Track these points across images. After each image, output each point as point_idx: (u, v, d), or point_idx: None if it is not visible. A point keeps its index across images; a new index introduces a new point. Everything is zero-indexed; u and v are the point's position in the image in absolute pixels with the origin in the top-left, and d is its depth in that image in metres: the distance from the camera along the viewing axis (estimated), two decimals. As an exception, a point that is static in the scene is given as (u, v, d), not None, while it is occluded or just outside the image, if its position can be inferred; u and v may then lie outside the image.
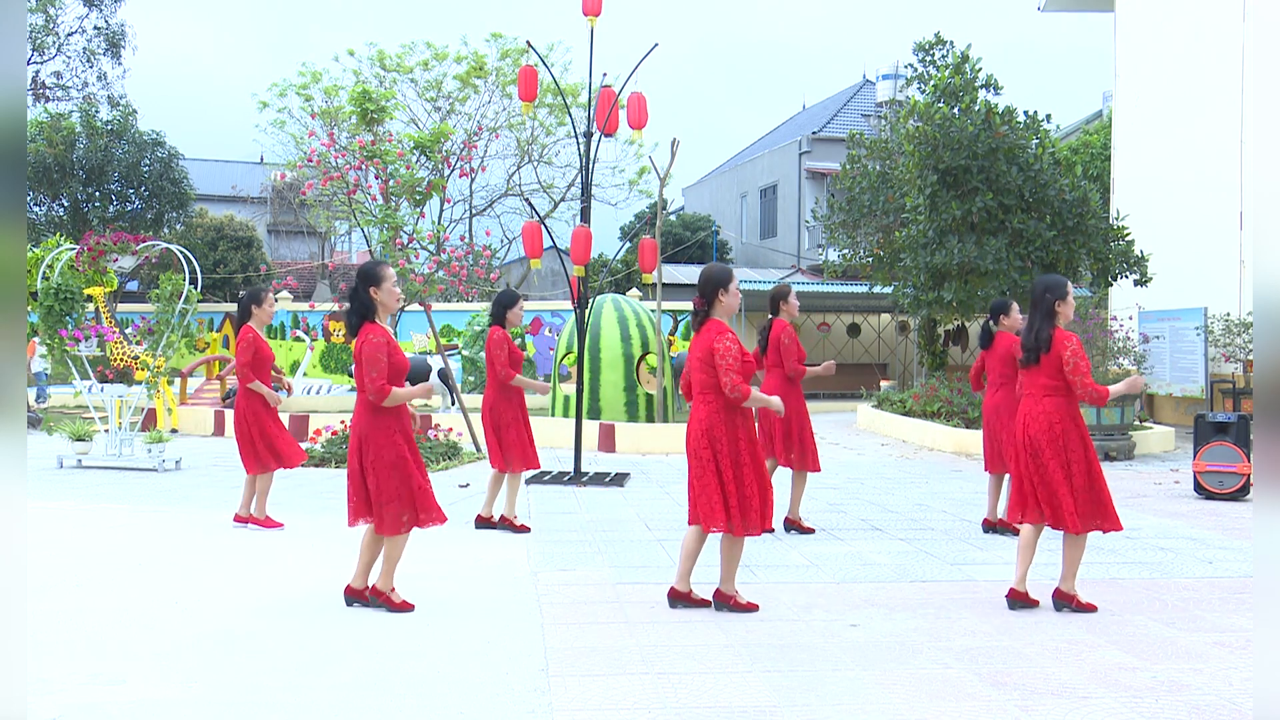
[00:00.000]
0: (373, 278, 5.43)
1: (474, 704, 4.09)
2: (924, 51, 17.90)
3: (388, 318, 5.55)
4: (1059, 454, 5.51)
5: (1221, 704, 4.16)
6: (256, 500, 7.91)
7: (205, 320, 26.18)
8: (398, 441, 5.36)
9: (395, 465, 5.33)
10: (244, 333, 7.86)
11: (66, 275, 12.48)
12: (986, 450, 8.06)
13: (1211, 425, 9.92)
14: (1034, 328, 5.66)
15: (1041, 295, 5.66)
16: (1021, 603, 5.64)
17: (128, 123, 26.75)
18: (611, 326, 15.26)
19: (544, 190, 31.28)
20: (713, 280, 5.43)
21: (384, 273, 5.45)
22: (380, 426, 5.35)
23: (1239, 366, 16.36)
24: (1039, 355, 5.62)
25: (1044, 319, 5.63)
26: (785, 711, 4.02)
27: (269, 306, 7.97)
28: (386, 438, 5.34)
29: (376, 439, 5.33)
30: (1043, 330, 5.61)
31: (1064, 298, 5.64)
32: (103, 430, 12.20)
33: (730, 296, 5.43)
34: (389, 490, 5.32)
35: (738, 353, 5.27)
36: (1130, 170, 19.74)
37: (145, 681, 4.32)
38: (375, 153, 11.87)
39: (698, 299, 5.50)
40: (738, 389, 5.21)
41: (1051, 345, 5.56)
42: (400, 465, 5.33)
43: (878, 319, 28.11)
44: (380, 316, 5.47)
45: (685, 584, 5.60)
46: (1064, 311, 5.65)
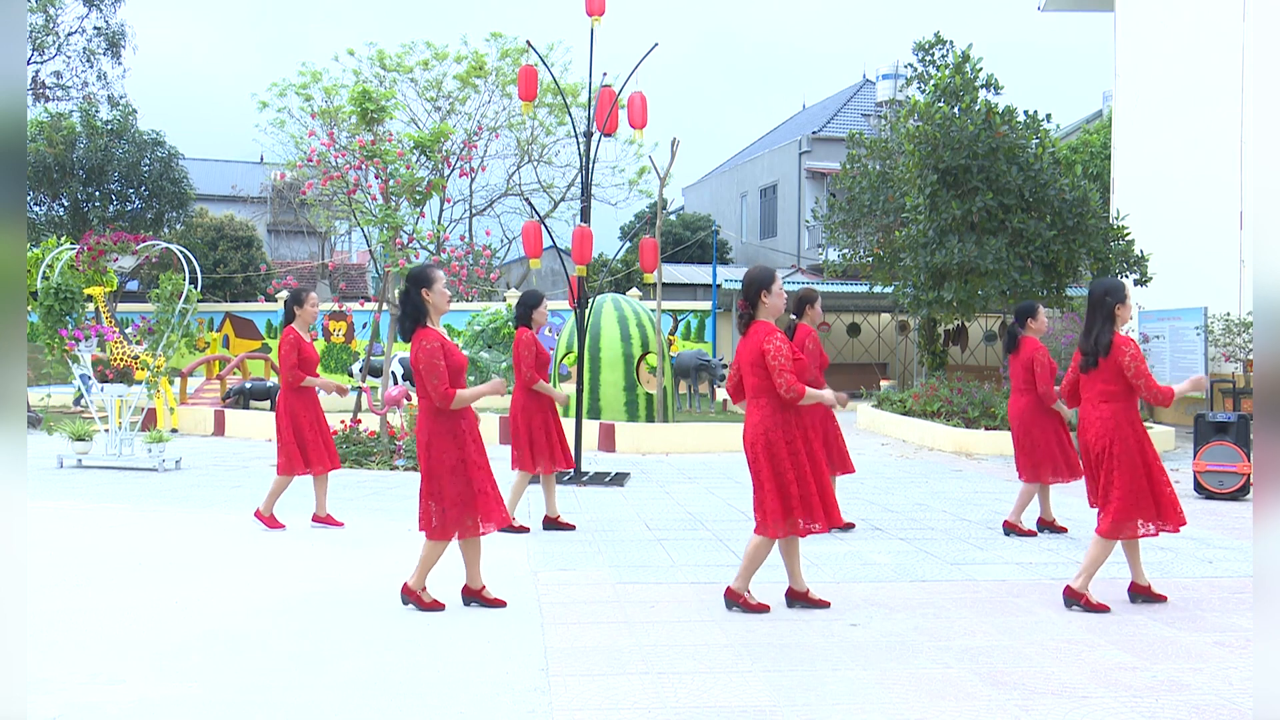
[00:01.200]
0: (425, 280, 5.38)
1: (474, 703, 4.09)
2: (924, 51, 17.92)
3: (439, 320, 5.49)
4: (1113, 458, 5.52)
5: (1221, 703, 4.16)
6: (266, 500, 7.92)
7: (205, 320, 26.19)
8: (461, 444, 5.33)
9: (455, 469, 5.30)
10: (286, 334, 7.82)
11: (66, 275, 12.49)
12: (1017, 457, 7.88)
13: (1211, 425, 9.92)
14: (1093, 331, 5.61)
15: (1101, 298, 5.61)
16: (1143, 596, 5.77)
17: (128, 122, 26.74)
18: (611, 326, 15.26)
19: (544, 190, 31.30)
20: (756, 282, 5.42)
21: (436, 275, 5.41)
22: (442, 431, 5.33)
23: (1239, 366, 16.36)
24: (1098, 359, 5.59)
25: (1104, 322, 5.60)
26: (785, 711, 4.02)
27: (311, 307, 7.93)
28: (448, 441, 5.32)
29: (439, 444, 5.32)
30: (1103, 334, 5.58)
31: (1123, 301, 5.61)
32: (103, 430, 12.20)
33: (774, 297, 5.40)
34: (450, 495, 5.30)
35: (788, 352, 5.26)
36: (1130, 170, 19.74)
37: (145, 681, 4.32)
38: (375, 152, 11.87)
39: (741, 302, 5.48)
40: (794, 389, 5.20)
41: (1111, 350, 5.55)
42: (460, 469, 5.31)
43: (878, 319, 28.12)
44: (433, 319, 5.43)
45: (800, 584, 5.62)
46: (1123, 315, 5.62)
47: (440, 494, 5.31)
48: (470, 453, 5.35)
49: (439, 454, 5.32)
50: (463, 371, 5.39)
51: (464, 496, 5.31)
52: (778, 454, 5.27)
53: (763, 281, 5.40)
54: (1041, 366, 7.62)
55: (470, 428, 5.41)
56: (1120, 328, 5.64)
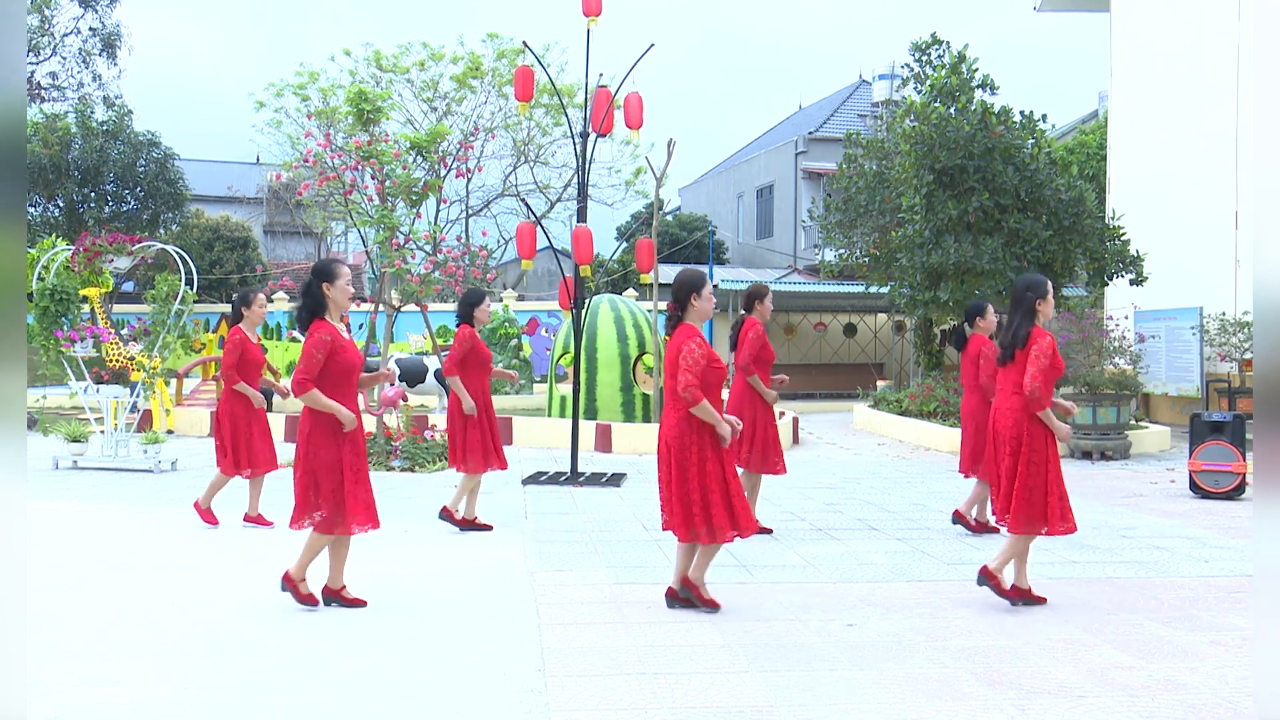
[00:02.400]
0: (327, 273, 5.40)
1: (471, 704, 4.09)
2: (920, 51, 17.93)
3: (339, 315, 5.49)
4: (1016, 453, 5.54)
5: (1217, 702, 4.16)
6: (205, 493, 7.99)
7: (201, 321, 26.15)
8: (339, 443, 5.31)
9: (331, 466, 5.29)
10: (232, 334, 7.85)
11: (62, 276, 12.45)
12: (962, 452, 8.08)
13: (1207, 425, 9.93)
14: (1013, 326, 5.67)
15: (1023, 294, 5.67)
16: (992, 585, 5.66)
17: (123, 123, 26.70)
18: (608, 327, 15.26)
19: (540, 190, 31.27)
20: (686, 285, 5.44)
21: (339, 269, 5.42)
22: (322, 425, 5.32)
23: (1234, 366, 16.38)
24: (1014, 352, 5.63)
25: (1024, 317, 5.64)
26: (782, 711, 4.02)
27: (259, 308, 7.95)
28: (328, 438, 5.30)
29: (317, 438, 5.31)
30: (1021, 328, 5.62)
31: (1044, 296, 5.64)
32: (98, 431, 12.18)
33: (703, 301, 5.43)
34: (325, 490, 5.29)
35: (701, 356, 5.25)
36: (1126, 170, 19.77)
37: (141, 682, 4.32)
38: (371, 153, 11.85)
39: (671, 304, 5.50)
40: (689, 390, 5.19)
41: (1027, 343, 5.57)
42: (335, 467, 5.30)
43: (874, 319, 28.13)
44: (331, 314, 5.42)
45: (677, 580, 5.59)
46: (1044, 310, 5.65)
47: (318, 488, 5.31)
48: (346, 453, 5.33)
49: (316, 448, 5.31)
50: (353, 372, 5.39)
51: (337, 494, 5.30)
52: (687, 459, 5.27)
53: (693, 285, 5.42)
54: (986, 360, 7.69)
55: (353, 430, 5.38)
56: (1041, 322, 5.66)
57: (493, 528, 7.87)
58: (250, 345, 7.87)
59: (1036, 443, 5.54)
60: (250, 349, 7.85)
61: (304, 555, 5.48)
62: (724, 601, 5.62)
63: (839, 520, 8.52)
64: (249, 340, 7.88)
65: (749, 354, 7.52)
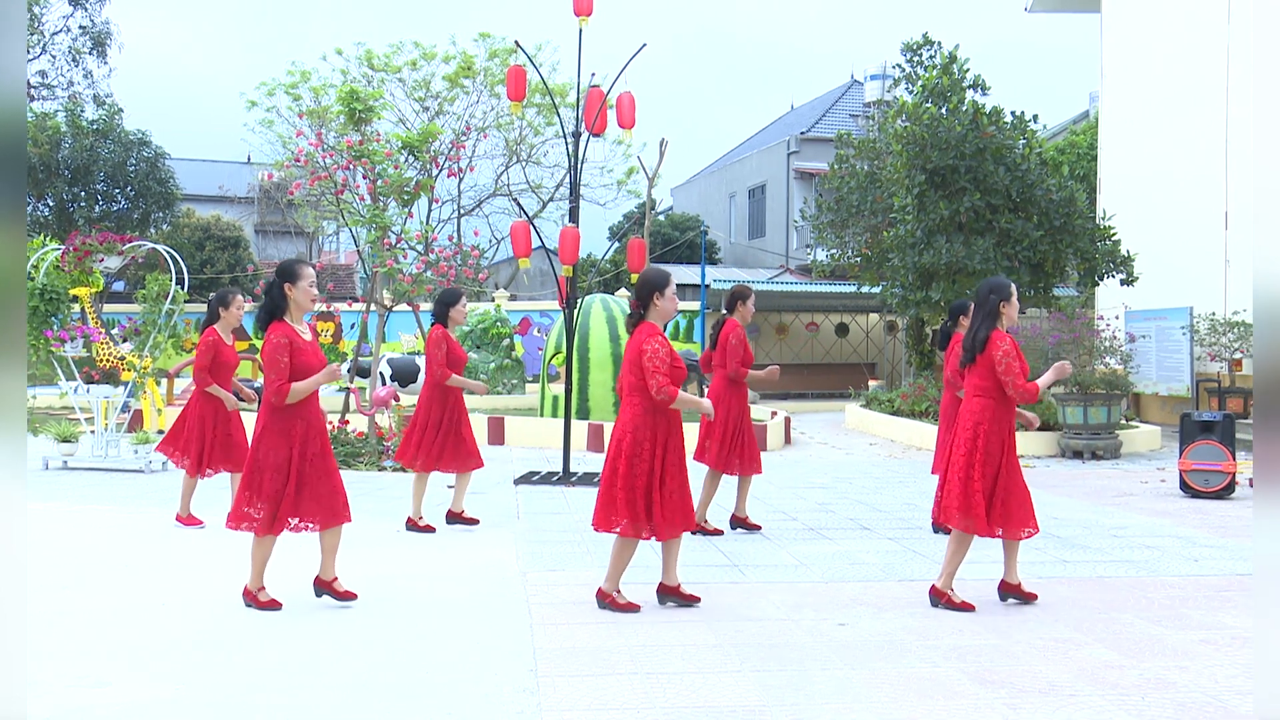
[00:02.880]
0: (289, 274, 5.36)
1: (463, 705, 4.09)
2: (911, 52, 17.96)
3: (304, 317, 5.46)
4: (972, 454, 5.53)
5: (1207, 701, 4.18)
6: (181, 503, 7.95)
7: (192, 321, 26.05)
8: (290, 443, 5.29)
9: (279, 468, 5.28)
10: (205, 335, 7.80)
11: (52, 276, 12.40)
12: (936, 450, 8.15)
13: (1197, 424, 9.97)
14: (974, 328, 5.68)
15: (986, 296, 5.68)
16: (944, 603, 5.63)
17: (113, 122, 26.62)
18: (600, 326, 15.26)
19: (532, 190, 31.26)
20: (650, 284, 5.45)
21: (302, 270, 5.37)
22: (273, 428, 5.30)
23: (1224, 366, 16.45)
24: (975, 355, 5.65)
25: (985, 319, 5.65)
26: (774, 711, 4.02)
27: (236, 310, 7.90)
28: (278, 439, 5.29)
29: (268, 440, 5.30)
30: (981, 331, 5.64)
31: (1008, 299, 5.65)
32: (89, 431, 12.13)
33: (666, 301, 5.44)
34: (267, 491, 5.27)
35: (665, 355, 5.28)
36: (1116, 170, 19.84)
37: (133, 683, 4.30)
38: (363, 152, 11.84)
39: (634, 301, 5.51)
40: (664, 391, 5.22)
41: (986, 346, 5.58)
42: (283, 468, 5.28)
43: (866, 319, 28.17)
44: (292, 315, 5.39)
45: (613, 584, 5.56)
46: (1008, 313, 5.66)
47: (259, 488, 5.30)
48: (297, 452, 5.29)
49: (266, 449, 5.29)
50: (312, 373, 5.33)
51: (278, 494, 5.27)
52: (639, 455, 5.29)
53: (657, 284, 5.44)
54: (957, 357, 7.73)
55: (308, 429, 5.35)
56: (1004, 325, 5.67)
57: (435, 530, 7.81)
58: (224, 347, 7.81)
59: (992, 444, 5.53)
60: (224, 350, 7.80)
61: (252, 565, 5.47)
62: (717, 601, 5.63)
63: (831, 520, 8.54)
64: (222, 342, 7.82)
65: (735, 361, 7.51)
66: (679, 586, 5.64)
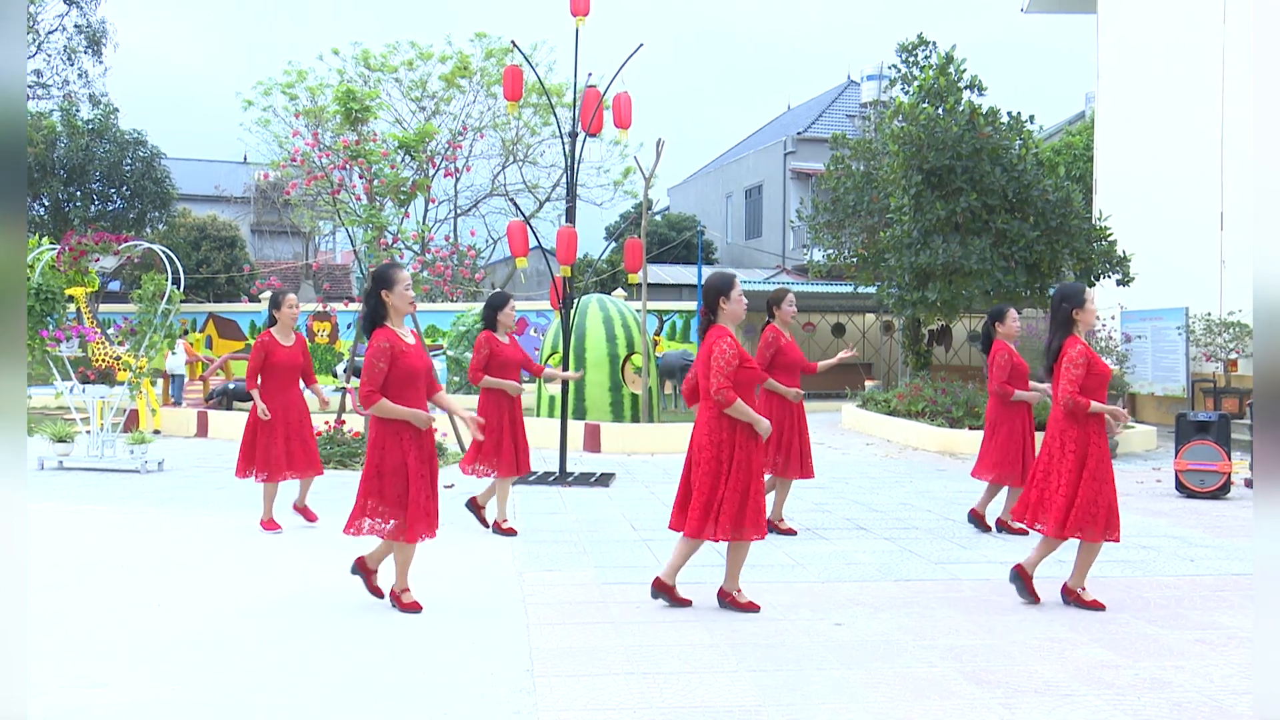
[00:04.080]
0: (385, 280, 5.38)
1: (459, 705, 4.09)
2: (907, 53, 17.97)
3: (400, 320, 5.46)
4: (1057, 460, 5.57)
5: (1203, 701, 4.19)
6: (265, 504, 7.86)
7: (188, 320, 26.03)
8: (404, 449, 5.30)
9: (397, 470, 5.30)
10: (260, 337, 7.86)
11: (47, 275, 12.38)
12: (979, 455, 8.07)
13: (1193, 424, 9.99)
14: (1050, 339, 5.72)
15: (1058, 304, 5.69)
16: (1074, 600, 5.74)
17: (109, 121, 26.57)
18: (597, 326, 15.25)
19: (529, 190, 31.27)
20: (715, 289, 5.48)
21: (398, 275, 5.39)
22: (387, 431, 5.33)
23: (1219, 366, 16.48)
24: (1052, 364, 5.68)
25: (1058, 328, 5.68)
26: (770, 711, 4.03)
27: (289, 309, 7.88)
28: (392, 442, 5.31)
29: (380, 442, 5.33)
30: (1055, 340, 5.67)
31: (1081, 305, 5.65)
32: (84, 431, 12.11)
33: (733, 303, 5.46)
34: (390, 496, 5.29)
35: (732, 358, 5.29)
36: (1112, 171, 19.87)
37: (130, 684, 4.30)
38: (359, 152, 11.83)
39: (702, 309, 5.56)
40: (721, 393, 5.25)
41: (1059, 355, 5.62)
42: (400, 471, 5.30)
43: (862, 319, 28.20)
44: (393, 320, 5.41)
45: (671, 578, 5.60)
46: (1083, 319, 5.66)
47: (381, 494, 5.31)
48: (411, 459, 5.31)
49: (381, 453, 5.31)
50: (416, 376, 5.34)
51: (401, 500, 5.29)
52: (720, 456, 5.32)
53: (721, 288, 5.46)
54: (998, 367, 7.76)
55: (417, 434, 5.37)
56: (1080, 331, 5.68)
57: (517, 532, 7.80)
58: (277, 348, 7.75)
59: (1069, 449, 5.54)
60: (276, 351, 7.74)
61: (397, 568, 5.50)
62: (714, 601, 5.63)
63: (827, 520, 8.54)
64: (275, 343, 7.76)
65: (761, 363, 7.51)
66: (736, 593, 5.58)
